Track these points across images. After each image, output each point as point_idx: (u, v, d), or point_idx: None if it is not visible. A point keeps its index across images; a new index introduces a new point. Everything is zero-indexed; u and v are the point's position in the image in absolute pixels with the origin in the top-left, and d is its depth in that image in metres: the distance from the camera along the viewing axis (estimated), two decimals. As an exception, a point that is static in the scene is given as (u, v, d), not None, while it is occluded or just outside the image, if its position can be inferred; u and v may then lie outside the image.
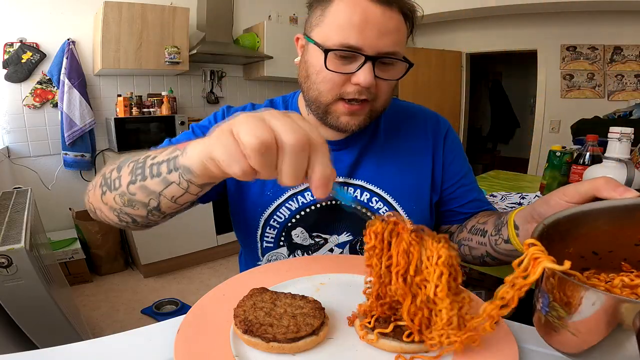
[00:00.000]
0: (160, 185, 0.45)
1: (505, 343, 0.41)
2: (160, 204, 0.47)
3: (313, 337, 0.41)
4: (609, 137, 0.99)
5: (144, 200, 0.47)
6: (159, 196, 0.46)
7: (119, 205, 0.49)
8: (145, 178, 0.46)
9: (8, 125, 2.33)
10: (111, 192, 0.50)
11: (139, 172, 0.47)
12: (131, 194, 0.47)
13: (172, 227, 2.45)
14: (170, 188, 0.44)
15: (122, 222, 0.53)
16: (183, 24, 2.59)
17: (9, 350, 0.70)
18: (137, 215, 0.50)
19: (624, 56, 3.03)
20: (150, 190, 0.46)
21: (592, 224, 0.39)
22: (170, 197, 0.46)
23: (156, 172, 0.45)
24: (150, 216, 0.50)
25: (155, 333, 0.46)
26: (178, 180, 0.43)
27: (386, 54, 0.56)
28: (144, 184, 0.46)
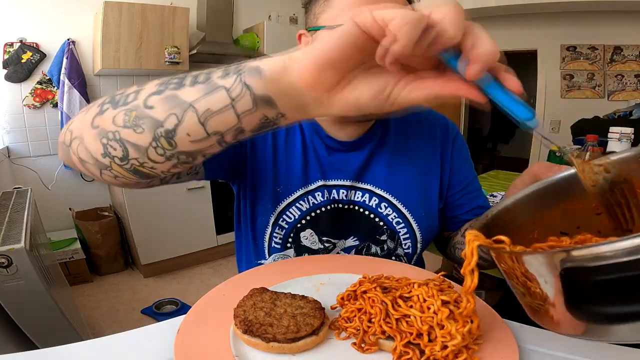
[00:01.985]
0: (200, 92, 0.33)
1: (505, 343, 0.41)
2: (180, 125, 0.33)
3: (313, 337, 0.41)
4: (609, 137, 0.99)
5: (159, 116, 0.34)
6: (187, 108, 0.33)
7: (118, 125, 0.35)
8: (182, 86, 0.34)
9: (8, 125, 2.33)
10: (115, 108, 0.36)
11: (174, 81, 0.35)
12: (147, 107, 0.34)
13: (172, 227, 2.45)
14: (213, 95, 0.32)
15: (106, 156, 0.37)
16: (183, 24, 2.59)
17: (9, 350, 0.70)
18: (134, 143, 0.35)
19: (624, 56, 3.03)
20: (180, 100, 0.33)
21: (538, 206, 0.41)
22: (203, 110, 0.32)
23: (202, 79, 0.33)
24: (152, 150, 0.35)
25: (155, 333, 0.46)
26: (231, 84, 0.32)
27: None
28: (175, 93, 0.34)
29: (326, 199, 0.66)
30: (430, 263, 0.83)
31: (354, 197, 0.68)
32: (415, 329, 0.39)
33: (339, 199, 0.67)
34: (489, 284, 1.50)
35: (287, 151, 0.66)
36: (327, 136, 0.66)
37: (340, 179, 0.66)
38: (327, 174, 0.66)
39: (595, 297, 0.27)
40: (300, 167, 0.66)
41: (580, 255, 0.26)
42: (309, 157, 0.67)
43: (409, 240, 0.69)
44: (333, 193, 0.66)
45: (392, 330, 0.40)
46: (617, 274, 0.25)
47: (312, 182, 0.66)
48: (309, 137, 0.67)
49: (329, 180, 0.66)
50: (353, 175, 0.67)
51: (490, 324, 0.44)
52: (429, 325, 0.39)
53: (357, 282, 0.46)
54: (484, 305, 0.48)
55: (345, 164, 0.67)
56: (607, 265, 0.25)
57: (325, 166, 0.66)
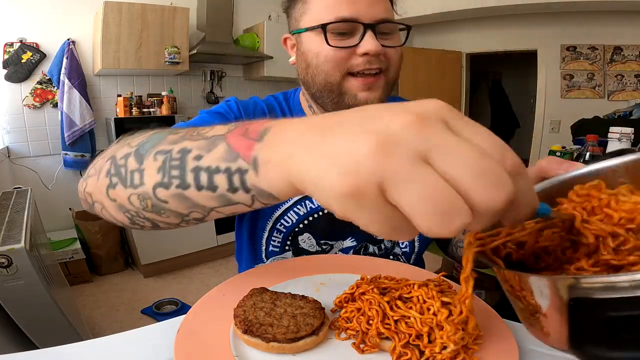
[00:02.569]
0: (215, 201, 0.31)
1: (505, 343, 0.41)
2: (207, 217, 0.34)
3: (313, 337, 0.41)
4: (609, 137, 0.99)
5: (181, 210, 0.34)
6: (209, 211, 0.33)
7: (136, 207, 0.36)
8: (188, 187, 0.31)
9: (8, 125, 2.33)
10: (125, 187, 0.35)
11: (175, 175, 0.32)
12: (161, 201, 0.33)
13: (172, 227, 2.45)
14: (233, 207, 0.32)
15: (135, 225, 0.39)
16: (183, 24, 2.59)
17: (9, 350, 0.70)
18: (164, 222, 0.37)
19: (624, 56, 3.03)
20: (195, 203, 0.32)
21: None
22: (228, 213, 0.33)
23: (207, 184, 0.30)
24: (183, 224, 0.37)
25: (155, 333, 0.46)
26: (249, 202, 0.30)
27: (382, 20, 0.56)
28: (185, 194, 0.32)
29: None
30: (430, 263, 0.83)
31: None
32: (414, 330, 0.39)
33: None
34: (489, 284, 1.50)
35: None
36: None
37: None
38: None
39: (600, 336, 0.23)
40: None
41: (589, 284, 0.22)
42: None
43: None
44: None
45: (390, 332, 0.40)
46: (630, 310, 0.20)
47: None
48: None
49: None
50: None
51: (490, 324, 0.44)
52: (429, 327, 0.39)
53: (355, 285, 0.46)
54: (484, 305, 0.48)
55: None
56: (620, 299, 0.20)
57: None
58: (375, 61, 0.56)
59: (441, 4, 3.12)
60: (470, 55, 3.86)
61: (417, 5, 3.22)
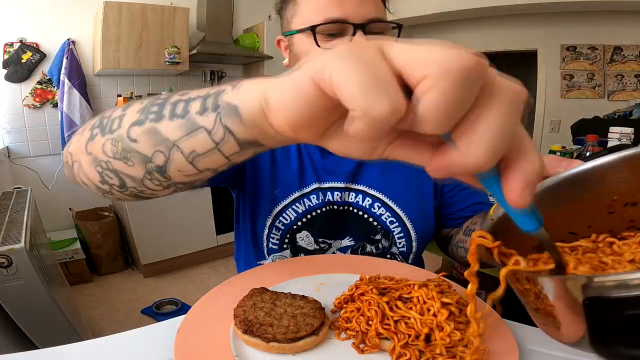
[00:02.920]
0: (181, 130, 0.30)
1: (505, 343, 0.41)
2: (169, 163, 0.32)
3: (313, 337, 0.41)
4: (609, 137, 0.99)
5: (146, 151, 0.32)
6: (171, 147, 0.31)
7: (108, 156, 0.34)
8: (162, 118, 0.31)
9: (8, 125, 2.33)
10: (103, 135, 0.35)
11: (153, 110, 0.32)
12: (131, 140, 0.32)
13: (172, 227, 2.45)
14: (195, 137, 0.29)
15: (105, 184, 0.37)
16: (183, 24, 2.59)
17: (9, 350, 0.70)
18: (128, 175, 0.34)
19: (624, 56, 3.03)
20: (162, 136, 0.31)
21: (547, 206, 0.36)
22: (189, 151, 0.30)
23: (180, 112, 0.30)
24: (147, 181, 0.34)
25: (155, 333, 0.46)
26: (212, 126, 0.28)
27: (372, 20, 0.56)
28: (155, 127, 0.31)
29: (321, 201, 0.67)
30: (430, 263, 0.83)
31: (348, 198, 0.69)
32: (414, 330, 0.39)
33: (333, 200, 0.68)
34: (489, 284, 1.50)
35: (284, 156, 0.68)
36: None
37: (334, 181, 0.68)
38: (321, 177, 0.68)
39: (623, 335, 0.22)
40: (296, 170, 0.67)
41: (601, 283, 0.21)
42: (304, 161, 0.68)
43: (403, 239, 0.70)
44: (328, 195, 0.67)
45: (389, 333, 0.40)
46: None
47: (308, 185, 0.67)
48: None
49: (323, 183, 0.68)
50: (346, 177, 0.68)
51: (491, 324, 0.44)
52: (429, 328, 0.39)
53: (354, 285, 0.46)
54: (484, 305, 0.48)
55: (338, 166, 0.68)
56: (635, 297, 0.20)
57: (319, 169, 0.68)
58: None
59: (441, 4, 3.12)
60: (470, 55, 3.86)
61: (417, 5, 3.22)
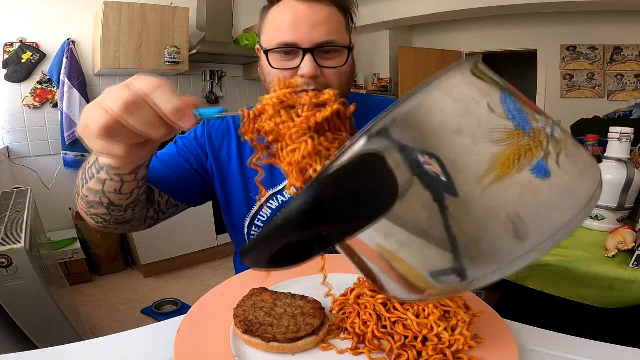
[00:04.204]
0: (99, 184, 0.47)
1: (505, 343, 0.41)
2: (110, 200, 0.49)
3: (313, 337, 0.41)
4: (609, 137, 0.99)
5: (96, 199, 0.49)
6: (104, 193, 0.48)
7: (85, 208, 0.53)
8: (88, 181, 0.48)
9: (8, 125, 2.32)
10: (78, 197, 0.53)
11: (83, 177, 0.50)
12: (85, 196, 0.50)
13: (172, 227, 2.45)
14: (108, 184, 0.47)
15: (97, 224, 0.55)
16: (183, 24, 2.59)
17: (9, 350, 0.70)
18: (100, 214, 0.52)
19: (624, 56, 3.03)
20: (95, 190, 0.48)
21: None
22: (112, 190, 0.47)
23: (91, 175, 0.48)
24: (113, 212, 0.52)
25: (155, 333, 0.47)
26: (109, 177, 0.46)
27: (322, 44, 0.60)
28: (89, 186, 0.48)
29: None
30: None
31: None
32: (411, 332, 0.39)
33: None
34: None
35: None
36: None
37: None
38: None
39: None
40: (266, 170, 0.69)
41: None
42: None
43: None
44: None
45: (385, 335, 0.40)
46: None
47: (280, 183, 0.71)
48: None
49: None
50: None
51: (490, 324, 0.44)
52: (427, 329, 0.39)
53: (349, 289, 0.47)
54: (484, 305, 0.49)
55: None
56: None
57: None
58: (312, 82, 0.61)
59: (441, 4, 3.12)
60: (470, 55, 3.86)
61: (417, 5, 3.22)
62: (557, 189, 0.25)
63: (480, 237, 0.25)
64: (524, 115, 0.27)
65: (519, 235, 0.25)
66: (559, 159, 0.26)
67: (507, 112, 0.27)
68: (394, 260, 0.27)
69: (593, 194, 0.26)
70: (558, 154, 0.26)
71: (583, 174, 0.27)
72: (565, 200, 0.26)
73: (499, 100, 0.27)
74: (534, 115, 0.28)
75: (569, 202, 0.26)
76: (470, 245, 0.25)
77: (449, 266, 0.26)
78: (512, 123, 0.26)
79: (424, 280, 0.27)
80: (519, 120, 0.26)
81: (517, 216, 0.25)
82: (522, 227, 0.25)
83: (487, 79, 0.29)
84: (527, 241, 0.25)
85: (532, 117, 0.27)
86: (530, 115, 0.27)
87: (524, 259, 0.25)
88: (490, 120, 0.26)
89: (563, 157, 0.26)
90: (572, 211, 0.25)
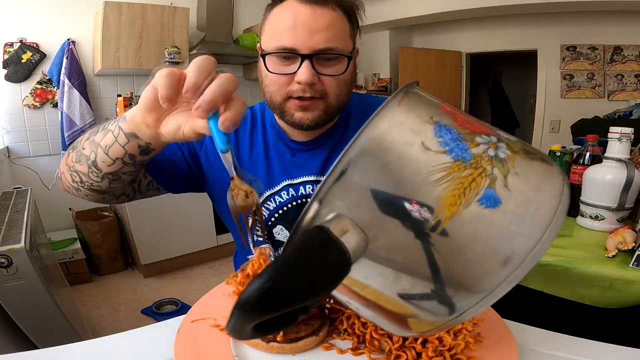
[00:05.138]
0: (102, 135, 0.49)
1: (505, 343, 0.41)
2: (97, 156, 0.49)
3: (313, 338, 0.41)
4: (609, 137, 0.99)
5: (87, 153, 0.50)
6: (96, 147, 0.49)
7: (73, 162, 0.53)
8: (97, 133, 0.50)
9: (8, 125, 2.32)
10: (73, 150, 0.54)
11: (95, 130, 0.52)
12: (82, 149, 0.51)
13: (172, 227, 2.45)
14: (107, 137, 0.48)
15: (74, 182, 0.55)
16: (183, 24, 2.59)
17: (9, 350, 0.70)
18: (79, 172, 0.53)
19: (624, 56, 3.03)
20: (94, 142, 0.50)
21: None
22: (104, 146, 0.48)
23: (104, 127, 0.50)
24: (91, 174, 0.52)
25: (155, 333, 0.47)
26: (114, 128, 0.47)
27: (321, 51, 0.58)
28: (93, 138, 0.50)
29: (291, 196, 0.70)
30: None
31: None
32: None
33: (305, 193, 0.70)
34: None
35: (251, 159, 0.71)
36: (290, 140, 0.70)
37: (305, 176, 0.70)
38: (292, 174, 0.70)
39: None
40: (263, 171, 0.70)
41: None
42: (271, 161, 0.71)
43: None
44: (300, 190, 0.70)
45: (383, 337, 0.40)
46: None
47: (277, 184, 0.70)
48: (273, 143, 0.71)
49: (294, 179, 0.70)
50: (317, 170, 0.70)
51: (490, 324, 0.44)
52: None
53: None
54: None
55: (309, 161, 0.70)
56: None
57: (289, 167, 0.70)
58: (308, 90, 0.60)
59: (441, 4, 3.12)
60: (470, 55, 3.86)
61: (417, 5, 3.22)
62: (512, 216, 0.24)
63: (452, 275, 0.24)
64: (462, 143, 0.25)
65: (486, 270, 0.24)
66: (507, 182, 0.24)
67: (444, 144, 0.25)
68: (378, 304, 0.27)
69: (557, 208, 0.24)
70: (505, 177, 0.24)
71: (539, 190, 0.25)
72: (524, 225, 0.24)
73: (432, 134, 0.26)
74: (474, 138, 0.26)
75: (528, 226, 0.24)
76: (447, 285, 0.25)
77: (433, 306, 0.25)
78: (450, 156, 0.25)
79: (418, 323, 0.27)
80: (457, 151, 0.25)
81: (480, 252, 0.24)
82: (487, 261, 0.24)
83: (421, 108, 0.28)
84: (499, 273, 0.24)
85: (472, 142, 0.26)
86: (469, 140, 0.26)
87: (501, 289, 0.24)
88: (427, 160, 0.25)
89: (512, 177, 0.24)
90: (537, 233, 0.24)
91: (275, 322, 0.25)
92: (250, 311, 0.22)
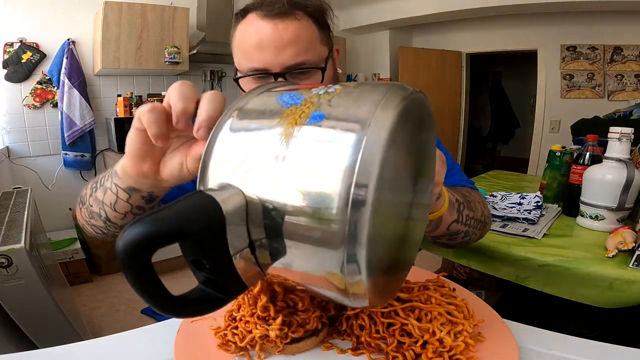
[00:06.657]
0: (102, 193, 0.46)
1: (505, 343, 0.41)
2: (106, 214, 0.47)
3: (313, 338, 0.41)
4: (609, 137, 0.99)
5: (97, 210, 0.48)
6: (103, 205, 0.47)
7: (87, 218, 0.52)
8: (97, 190, 0.48)
9: (8, 125, 2.32)
10: (83, 206, 0.52)
11: (94, 186, 0.49)
12: (90, 206, 0.49)
13: (172, 227, 2.45)
14: (107, 194, 0.45)
15: (97, 233, 0.54)
16: (183, 24, 2.59)
17: (9, 350, 0.70)
18: (98, 226, 0.51)
19: (624, 56, 3.03)
20: (98, 200, 0.47)
21: None
22: (109, 204, 0.46)
23: (101, 183, 0.47)
24: (109, 227, 0.50)
25: (155, 333, 0.47)
26: (110, 185, 0.44)
27: (292, 67, 0.57)
28: (95, 195, 0.48)
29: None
30: (430, 263, 0.83)
31: None
32: (407, 338, 0.39)
33: None
34: (488, 284, 1.50)
35: None
36: None
37: None
38: None
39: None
40: None
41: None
42: None
43: None
44: None
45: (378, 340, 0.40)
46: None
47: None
48: None
49: None
50: None
51: (490, 324, 0.44)
52: (428, 333, 0.39)
53: None
54: (484, 305, 0.49)
55: None
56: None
57: None
58: None
59: (441, 4, 3.12)
60: (470, 55, 3.86)
61: (417, 5, 3.22)
62: (336, 121, 0.27)
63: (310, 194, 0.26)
64: (297, 95, 0.30)
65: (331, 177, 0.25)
66: (331, 102, 0.28)
67: (281, 102, 0.30)
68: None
69: (380, 101, 0.26)
70: (330, 100, 0.28)
71: (359, 99, 0.27)
72: (350, 123, 0.26)
73: (274, 99, 0.31)
74: (310, 91, 0.30)
75: (352, 124, 0.26)
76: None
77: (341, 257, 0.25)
78: (285, 107, 0.29)
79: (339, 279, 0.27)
80: (289, 101, 0.29)
81: (323, 165, 0.25)
82: (330, 171, 0.25)
83: (273, 94, 0.32)
84: (344, 178, 0.25)
85: (307, 93, 0.30)
86: (304, 93, 0.30)
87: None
88: (271, 118, 0.29)
89: (336, 98, 0.28)
90: (363, 126, 0.25)
91: (199, 301, 0.28)
92: (134, 246, 0.24)
